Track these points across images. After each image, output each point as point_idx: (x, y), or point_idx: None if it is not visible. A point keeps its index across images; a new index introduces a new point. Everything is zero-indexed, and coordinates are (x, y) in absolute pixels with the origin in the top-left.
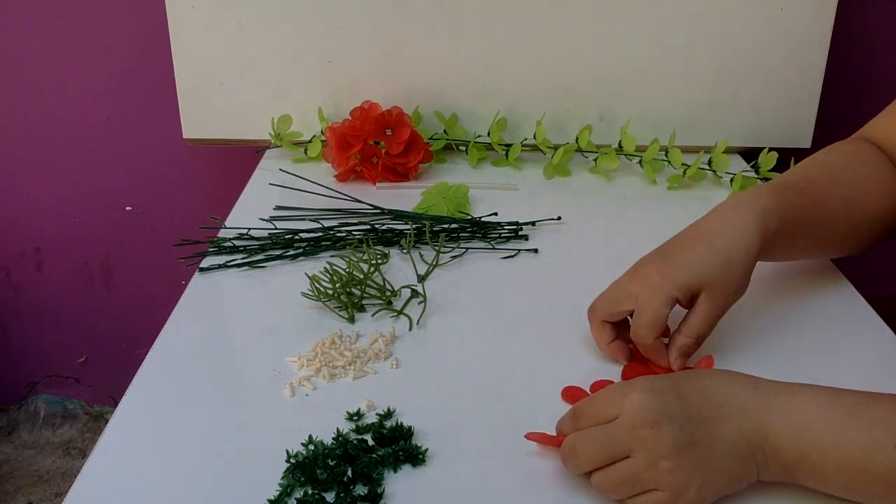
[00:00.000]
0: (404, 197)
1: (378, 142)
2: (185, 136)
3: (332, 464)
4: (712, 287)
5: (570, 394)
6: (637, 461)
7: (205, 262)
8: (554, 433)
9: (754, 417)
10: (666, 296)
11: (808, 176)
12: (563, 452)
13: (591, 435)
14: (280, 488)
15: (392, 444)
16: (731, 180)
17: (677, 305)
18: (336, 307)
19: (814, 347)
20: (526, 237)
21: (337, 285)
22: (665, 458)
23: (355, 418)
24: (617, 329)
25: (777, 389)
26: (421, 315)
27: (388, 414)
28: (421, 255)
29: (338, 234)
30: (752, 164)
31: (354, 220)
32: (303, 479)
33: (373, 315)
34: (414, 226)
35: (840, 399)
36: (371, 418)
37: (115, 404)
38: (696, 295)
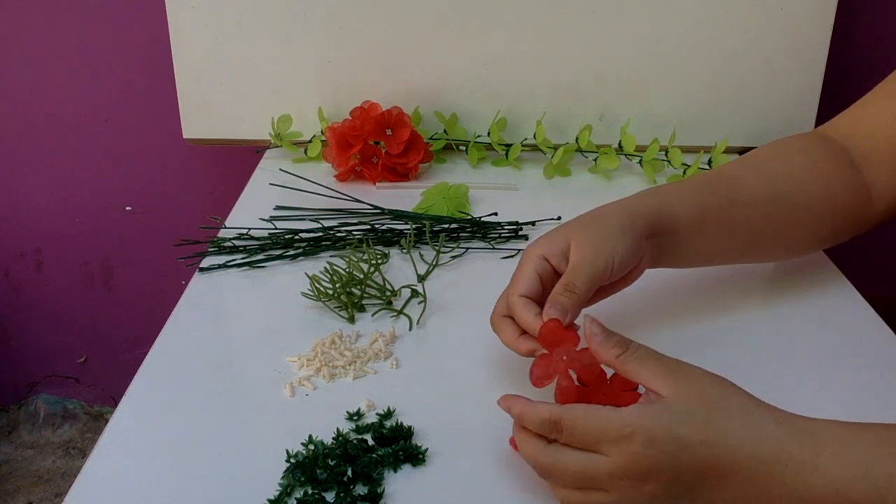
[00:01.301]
0: (404, 197)
1: (378, 142)
2: (185, 136)
3: (332, 464)
4: (579, 238)
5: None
6: (610, 498)
7: (205, 262)
8: None
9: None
10: (532, 256)
11: (720, 170)
12: (539, 469)
13: (570, 465)
14: (280, 488)
15: (392, 444)
16: None
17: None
18: (336, 307)
19: (814, 347)
20: (526, 237)
21: (337, 285)
22: None
23: (355, 418)
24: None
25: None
26: (421, 315)
27: (388, 414)
28: (421, 255)
29: (338, 234)
30: None
31: (354, 220)
32: (303, 479)
33: (373, 315)
34: (414, 226)
35: (863, 438)
36: (371, 418)
37: (115, 404)
38: (567, 249)
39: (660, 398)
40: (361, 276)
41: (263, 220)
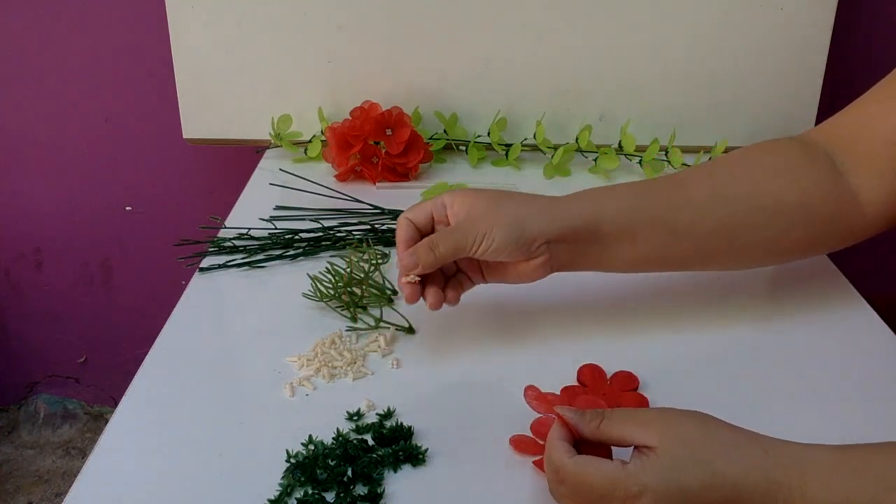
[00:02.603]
0: (404, 197)
1: (378, 142)
2: (185, 136)
3: (332, 464)
4: (472, 204)
5: (535, 396)
6: None
7: (205, 262)
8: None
9: None
10: (439, 198)
11: (672, 175)
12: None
13: None
14: (280, 488)
15: (392, 444)
16: None
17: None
18: (337, 307)
19: (814, 347)
20: None
21: (339, 285)
22: None
23: (355, 418)
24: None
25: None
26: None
27: (388, 414)
28: None
29: (338, 234)
30: None
31: (354, 220)
32: (303, 479)
33: (373, 317)
34: None
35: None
36: (371, 418)
37: (115, 404)
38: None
39: (651, 450)
40: (362, 276)
41: (263, 220)
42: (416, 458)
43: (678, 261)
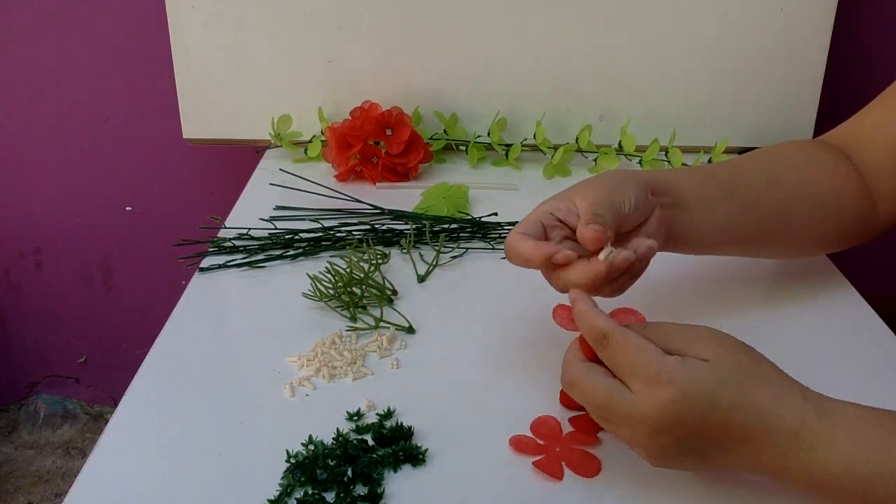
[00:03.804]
0: (404, 197)
1: (378, 142)
2: (185, 136)
3: (332, 464)
4: (582, 189)
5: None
6: (621, 433)
7: (205, 262)
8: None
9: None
10: (537, 210)
11: (718, 162)
12: (566, 379)
13: (597, 388)
14: (280, 488)
15: (392, 444)
16: None
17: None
18: (337, 307)
19: (813, 347)
20: None
21: (339, 285)
22: (651, 456)
23: (355, 418)
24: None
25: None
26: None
27: (388, 414)
28: (421, 256)
29: (338, 234)
30: None
31: (354, 220)
32: (303, 479)
33: (373, 317)
34: (414, 226)
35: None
36: (371, 418)
37: (115, 404)
38: (574, 205)
39: (698, 360)
40: (362, 276)
41: (263, 220)
42: (416, 458)
43: (745, 238)
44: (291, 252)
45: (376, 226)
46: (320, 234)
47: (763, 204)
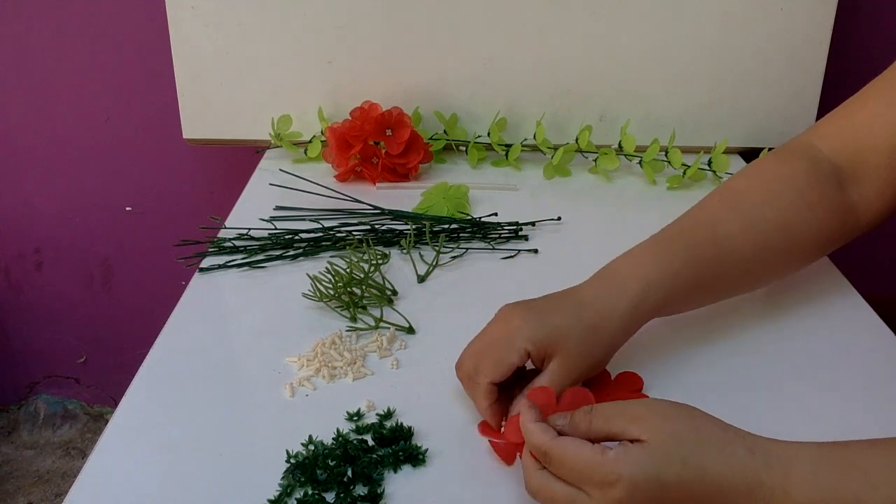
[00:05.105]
0: (404, 197)
1: (378, 142)
2: (185, 136)
3: (332, 464)
4: (566, 354)
5: (486, 430)
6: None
7: (205, 262)
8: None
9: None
10: (519, 345)
11: (701, 216)
12: (529, 488)
13: (557, 495)
14: (280, 488)
15: (392, 445)
16: None
17: None
18: (337, 307)
19: (813, 347)
20: (526, 237)
21: (339, 285)
22: None
23: (355, 418)
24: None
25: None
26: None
27: (388, 414)
28: (421, 256)
29: (338, 235)
30: None
31: (354, 221)
32: (303, 479)
33: (373, 317)
34: (414, 226)
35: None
36: (371, 418)
37: (115, 404)
38: (550, 357)
39: (639, 442)
40: (362, 276)
41: (263, 220)
42: (416, 458)
43: (728, 290)
44: (291, 252)
45: (376, 226)
46: (320, 234)
47: (740, 256)
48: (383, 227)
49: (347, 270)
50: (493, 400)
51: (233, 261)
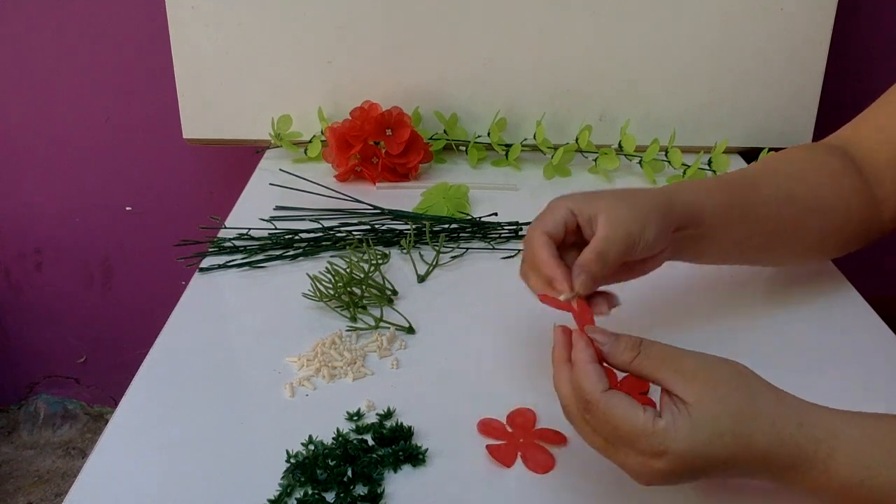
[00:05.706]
0: (404, 197)
1: (378, 142)
2: (185, 136)
3: (332, 464)
4: (610, 208)
5: (486, 425)
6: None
7: (205, 262)
8: (558, 430)
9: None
10: (563, 203)
11: (741, 172)
12: (566, 415)
13: (596, 442)
14: (280, 488)
15: (392, 444)
16: None
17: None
18: (337, 307)
19: (814, 348)
20: None
21: (339, 285)
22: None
23: (355, 418)
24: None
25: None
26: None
27: (388, 414)
28: (421, 256)
29: (338, 235)
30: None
31: (354, 220)
32: (303, 479)
33: (373, 317)
34: (414, 226)
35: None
36: (371, 418)
37: (115, 404)
38: (595, 219)
39: (685, 406)
40: (362, 276)
41: (263, 220)
42: (416, 458)
43: (756, 251)
44: (291, 252)
45: (376, 226)
46: (320, 234)
47: (775, 220)
48: (383, 227)
49: (347, 270)
50: (552, 253)
51: (233, 261)
